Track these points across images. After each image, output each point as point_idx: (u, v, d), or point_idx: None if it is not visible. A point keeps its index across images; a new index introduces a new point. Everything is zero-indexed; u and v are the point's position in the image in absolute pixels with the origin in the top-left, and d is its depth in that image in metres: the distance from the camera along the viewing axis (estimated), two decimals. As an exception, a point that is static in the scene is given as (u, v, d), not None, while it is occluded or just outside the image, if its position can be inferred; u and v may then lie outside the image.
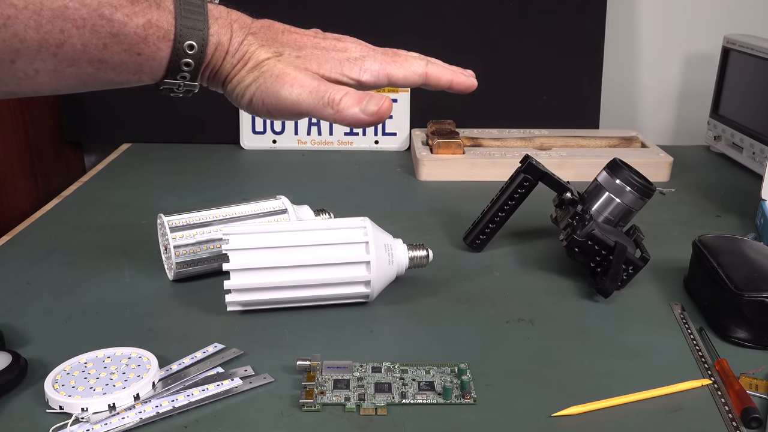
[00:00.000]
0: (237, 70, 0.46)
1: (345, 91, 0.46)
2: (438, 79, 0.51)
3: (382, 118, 0.47)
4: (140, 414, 0.49)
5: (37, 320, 0.62)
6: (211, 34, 0.44)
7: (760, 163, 0.99)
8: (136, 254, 0.74)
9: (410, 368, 0.55)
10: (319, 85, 0.46)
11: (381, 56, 0.49)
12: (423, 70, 0.50)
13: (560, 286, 0.69)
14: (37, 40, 0.38)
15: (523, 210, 0.75)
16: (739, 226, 0.85)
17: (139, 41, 0.41)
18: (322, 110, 0.46)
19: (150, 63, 0.43)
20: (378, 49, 0.50)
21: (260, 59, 0.46)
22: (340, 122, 0.47)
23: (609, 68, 1.18)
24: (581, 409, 0.51)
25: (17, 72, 0.39)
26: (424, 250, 0.66)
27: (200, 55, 0.44)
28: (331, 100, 0.46)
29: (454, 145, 1.01)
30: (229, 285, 0.61)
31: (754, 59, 1.01)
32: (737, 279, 0.60)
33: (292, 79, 0.46)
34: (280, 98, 0.46)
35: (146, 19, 0.41)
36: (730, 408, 0.51)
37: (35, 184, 1.04)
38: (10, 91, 0.41)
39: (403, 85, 0.51)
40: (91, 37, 0.39)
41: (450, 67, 0.52)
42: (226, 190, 0.95)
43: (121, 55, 0.41)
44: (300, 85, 0.46)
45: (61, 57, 0.39)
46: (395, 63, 0.49)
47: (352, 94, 0.46)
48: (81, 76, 0.41)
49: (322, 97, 0.46)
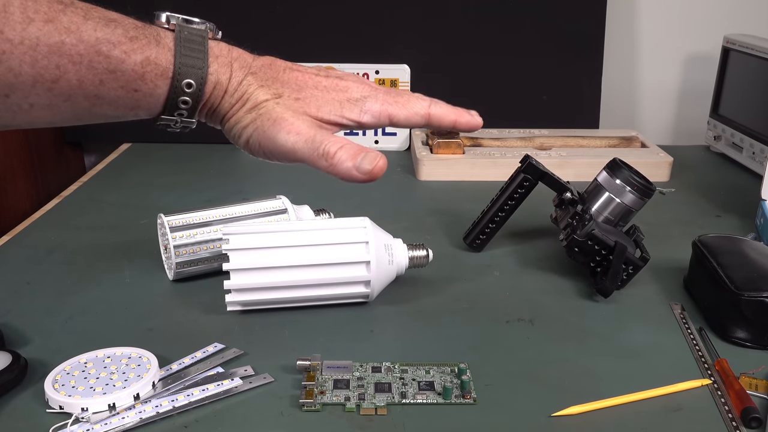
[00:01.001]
0: (235, 110, 0.46)
1: (340, 144, 0.45)
2: (441, 120, 0.50)
3: (375, 178, 0.46)
4: (140, 414, 0.49)
5: (37, 320, 0.62)
6: (210, 72, 0.43)
7: (760, 163, 0.99)
8: (136, 254, 0.74)
9: (410, 368, 0.55)
10: (316, 135, 0.45)
11: (383, 96, 0.48)
12: (426, 112, 0.49)
13: (560, 286, 0.69)
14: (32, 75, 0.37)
15: (523, 210, 0.75)
16: (739, 226, 0.85)
17: (136, 78, 0.40)
18: (317, 161, 0.46)
19: (147, 100, 0.42)
20: (380, 89, 0.48)
21: (259, 101, 0.45)
22: (333, 175, 0.46)
23: (609, 68, 1.18)
24: (581, 409, 0.51)
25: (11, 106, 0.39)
26: (424, 250, 0.66)
27: (198, 94, 0.43)
28: (325, 152, 0.45)
29: (454, 145, 1.01)
30: (229, 285, 0.61)
31: (754, 59, 1.01)
32: (737, 279, 0.60)
33: (289, 125, 0.45)
34: (277, 144, 0.45)
35: (145, 56, 0.40)
36: (730, 408, 0.51)
37: (35, 184, 1.04)
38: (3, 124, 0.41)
39: (404, 126, 0.50)
40: (88, 73, 0.39)
41: (454, 109, 0.51)
42: (226, 190, 0.95)
43: (118, 92, 0.40)
44: (297, 132, 0.45)
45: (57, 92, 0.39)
46: (397, 104, 0.48)
47: (348, 149, 0.45)
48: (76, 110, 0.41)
49: (317, 148, 0.45)
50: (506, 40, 1.14)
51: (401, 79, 1.11)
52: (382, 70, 1.11)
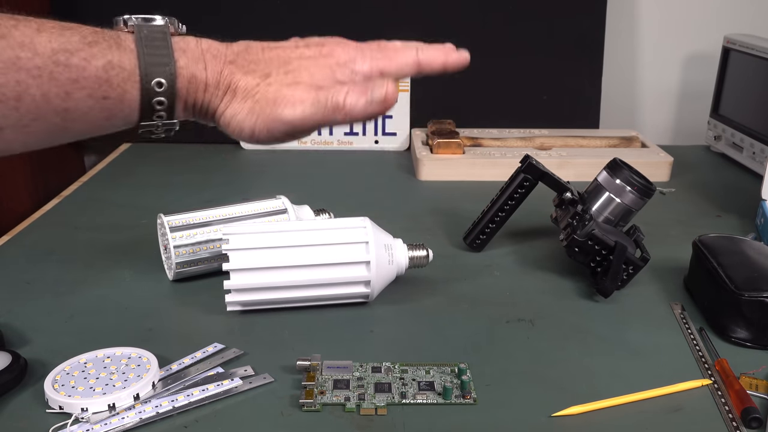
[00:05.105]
0: (226, 103, 0.44)
1: (345, 89, 0.45)
2: (431, 64, 0.49)
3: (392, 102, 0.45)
4: (140, 414, 0.49)
5: (37, 320, 0.62)
6: (180, 66, 0.42)
7: (760, 163, 0.99)
8: (136, 254, 0.74)
9: (410, 368, 0.55)
10: (318, 94, 0.44)
11: (370, 53, 0.47)
12: (414, 59, 0.48)
13: (560, 286, 0.69)
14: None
15: (523, 210, 0.75)
16: (739, 226, 0.85)
17: (102, 84, 0.39)
18: (331, 117, 0.45)
19: (120, 107, 0.41)
20: (363, 47, 0.47)
21: (249, 87, 0.44)
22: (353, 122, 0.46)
23: (609, 68, 1.18)
24: (581, 409, 0.51)
25: None
26: (424, 250, 0.66)
27: (172, 91, 0.41)
28: (335, 105, 0.44)
29: (454, 145, 1.01)
30: (229, 285, 0.61)
31: (754, 59, 1.01)
32: (737, 279, 0.60)
33: (290, 97, 0.44)
34: (285, 121, 0.44)
35: (107, 60, 0.39)
36: (730, 408, 0.51)
37: (35, 184, 1.04)
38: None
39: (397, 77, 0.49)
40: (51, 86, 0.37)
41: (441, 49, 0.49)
42: (226, 190, 0.95)
43: (87, 101, 0.39)
44: (300, 101, 0.44)
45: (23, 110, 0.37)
46: (386, 58, 0.47)
47: (354, 90, 0.45)
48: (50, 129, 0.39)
49: (325, 105, 0.44)
50: (506, 40, 1.14)
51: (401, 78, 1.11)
52: (382, 70, 1.11)
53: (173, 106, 0.42)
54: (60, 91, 0.38)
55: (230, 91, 0.44)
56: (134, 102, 0.41)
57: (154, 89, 0.41)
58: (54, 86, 0.37)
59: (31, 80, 0.37)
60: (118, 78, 0.40)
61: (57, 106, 0.38)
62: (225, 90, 0.44)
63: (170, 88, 0.41)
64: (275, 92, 0.44)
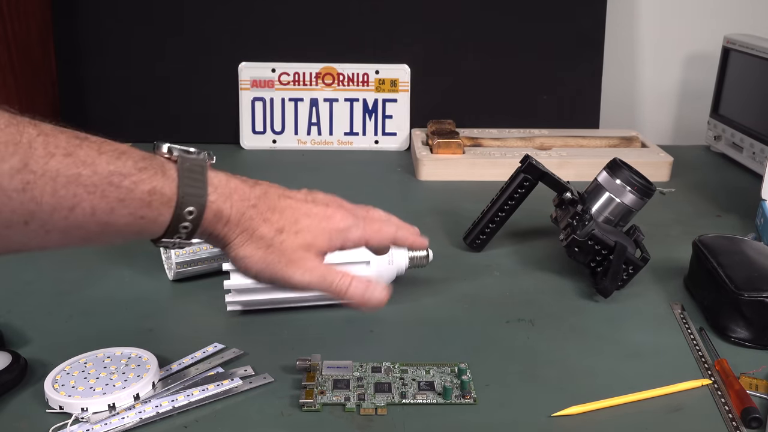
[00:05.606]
0: (240, 242, 0.49)
1: (350, 279, 0.51)
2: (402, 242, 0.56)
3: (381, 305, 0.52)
4: (140, 414, 0.49)
5: (37, 320, 0.62)
6: (211, 200, 0.47)
7: (760, 163, 0.99)
8: (136, 254, 0.74)
9: (410, 368, 0.55)
10: (326, 273, 0.50)
11: (363, 225, 0.53)
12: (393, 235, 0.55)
13: (560, 286, 0.69)
14: (51, 204, 0.41)
15: (523, 210, 0.75)
16: (739, 226, 0.85)
17: (143, 206, 0.44)
18: (332, 295, 0.51)
19: (151, 225, 0.45)
20: (359, 217, 0.53)
21: (264, 236, 0.49)
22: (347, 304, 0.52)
23: (609, 68, 1.18)
24: (581, 409, 0.51)
25: (29, 232, 0.42)
26: (424, 250, 0.66)
27: (198, 220, 0.46)
28: (339, 289, 0.51)
29: (454, 145, 1.01)
30: (229, 285, 0.61)
31: (754, 59, 1.01)
32: (737, 279, 0.60)
33: (301, 264, 0.49)
34: (292, 282, 0.49)
35: (152, 186, 0.44)
36: (730, 408, 0.51)
37: (35, 184, 1.04)
38: (17, 249, 0.44)
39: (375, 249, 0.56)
40: (101, 202, 0.42)
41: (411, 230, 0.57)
42: (226, 190, 0.94)
43: (126, 218, 0.43)
44: (309, 270, 0.50)
45: (72, 219, 0.42)
46: (373, 231, 0.54)
47: (356, 283, 0.51)
48: (88, 236, 0.44)
49: (330, 284, 0.50)
50: (506, 40, 1.14)
51: (401, 79, 1.11)
52: (382, 70, 1.11)
53: (195, 231, 0.47)
54: (107, 207, 0.42)
55: (246, 233, 0.49)
56: (165, 223, 0.45)
57: (185, 216, 0.45)
58: (103, 202, 0.42)
59: (86, 195, 0.41)
60: (158, 202, 0.44)
61: (100, 219, 0.43)
62: (243, 230, 0.48)
63: (198, 217, 0.46)
64: (290, 253, 0.49)
